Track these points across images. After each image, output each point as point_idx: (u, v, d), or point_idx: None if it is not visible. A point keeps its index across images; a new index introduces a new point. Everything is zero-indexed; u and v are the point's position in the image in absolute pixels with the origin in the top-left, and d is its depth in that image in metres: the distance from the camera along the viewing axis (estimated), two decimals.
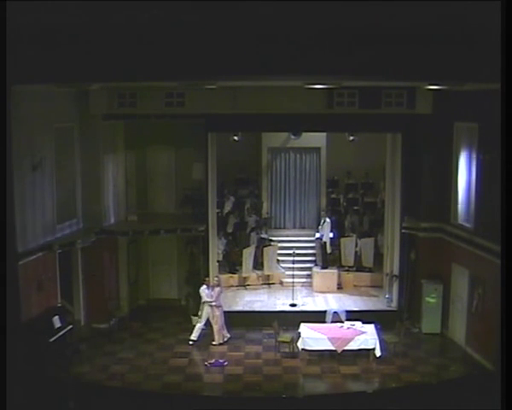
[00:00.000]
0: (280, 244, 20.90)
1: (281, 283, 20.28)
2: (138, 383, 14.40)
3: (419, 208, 17.51)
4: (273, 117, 16.94)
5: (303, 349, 15.47)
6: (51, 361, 14.18)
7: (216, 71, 11.72)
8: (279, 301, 18.87)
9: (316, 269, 20.16)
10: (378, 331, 15.72)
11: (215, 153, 18.25)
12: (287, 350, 15.92)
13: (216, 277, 17.63)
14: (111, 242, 17.97)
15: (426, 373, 14.94)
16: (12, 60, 10.88)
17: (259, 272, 20.42)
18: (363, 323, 16.10)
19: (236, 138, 19.15)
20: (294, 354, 15.71)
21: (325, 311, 17.30)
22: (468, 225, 15.98)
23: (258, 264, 20.58)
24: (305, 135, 20.84)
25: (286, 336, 16.14)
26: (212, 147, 18.04)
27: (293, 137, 21.22)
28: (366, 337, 15.48)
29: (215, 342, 16.56)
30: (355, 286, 20.03)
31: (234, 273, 20.15)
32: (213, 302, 16.59)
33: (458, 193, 16.51)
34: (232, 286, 19.79)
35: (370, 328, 15.80)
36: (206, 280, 16.96)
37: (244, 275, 20.09)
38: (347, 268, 20.33)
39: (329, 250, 20.18)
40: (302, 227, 22.61)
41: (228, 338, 16.75)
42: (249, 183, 22.33)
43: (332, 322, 16.72)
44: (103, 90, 16.23)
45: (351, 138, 19.60)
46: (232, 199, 21.38)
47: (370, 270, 20.32)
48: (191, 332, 16.69)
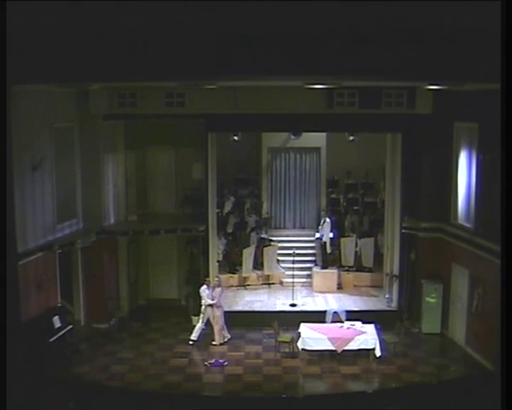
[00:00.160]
0: (280, 244, 20.89)
1: (281, 283, 20.28)
2: (138, 383, 14.40)
3: (419, 208, 17.51)
4: (273, 117, 16.95)
5: (303, 349, 15.47)
6: (51, 361, 14.19)
7: (216, 71, 11.71)
8: (279, 301, 18.86)
9: (316, 269, 20.16)
10: (378, 331, 15.72)
11: (215, 153, 18.25)
12: (287, 350, 15.91)
13: (216, 277, 17.64)
14: (111, 242, 17.97)
15: (426, 373, 14.93)
16: (12, 60, 10.88)
17: (259, 272, 20.41)
18: (363, 323, 16.10)
19: (236, 138, 19.12)
20: (294, 354, 15.71)
21: (325, 311, 17.30)
22: (468, 225, 15.98)
23: (258, 264, 20.57)
24: (305, 135, 20.81)
25: (286, 336, 16.14)
26: (212, 147, 18.05)
27: (293, 137, 21.20)
28: (366, 337, 15.48)
29: (215, 342, 16.57)
30: (355, 286, 20.02)
31: (234, 273, 20.15)
32: (214, 303, 16.61)
33: (458, 193, 16.50)
34: (232, 286, 19.78)
35: (370, 328, 15.80)
36: (206, 280, 16.97)
37: (244, 275, 20.08)
38: (347, 268, 20.33)
39: (329, 250, 20.17)
40: (302, 227, 22.59)
41: (228, 339, 16.77)
42: (249, 183, 22.30)
43: (332, 322, 16.73)
44: (103, 90, 16.24)
45: (351, 138, 19.57)
46: (232, 199, 21.36)
47: (370, 270, 20.31)
48: (191, 332, 16.69)
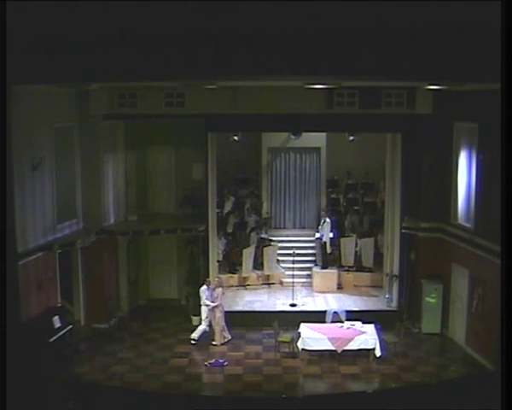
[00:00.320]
0: (280, 244, 20.88)
1: (281, 283, 20.27)
2: (138, 383, 14.40)
3: (419, 208, 17.51)
4: (273, 117, 16.95)
5: (303, 349, 15.47)
6: (51, 361, 14.18)
7: (216, 71, 11.71)
8: (279, 301, 18.86)
9: (316, 269, 20.16)
10: (378, 331, 15.72)
11: (215, 153, 18.25)
12: (287, 350, 15.91)
13: (217, 277, 17.63)
14: (111, 242, 17.97)
15: (426, 373, 14.94)
16: (12, 60, 10.88)
17: (259, 272, 20.41)
18: (363, 323, 16.09)
19: (236, 138, 19.12)
20: (294, 354, 15.71)
21: (325, 311, 17.30)
22: (468, 225, 15.98)
23: (258, 264, 20.57)
24: (305, 135, 20.82)
25: (286, 336, 16.14)
26: (212, 147, 18.05)
27: (293, 137, 21.21)
28: (366, 337, 15.48)
29: (215, 342, 16.56)
30: (355, 286, 20.01)
31: (234, 273, 20.15)
32: (213, 303, 16.59)
33: (458, 193, 16.50)
34: (232, 286, 19.77)
35: (370, 328, 15.80)
36: (206, 281, 16.96)
37: (244, 275, 20.07)
38: (347, 268, 20.32)
39: (329, 250, 20.17)
40: (302, 227, 22.57)
41: (228, 339, 16.75)
42: (249, 183, 22.29)
43: (332, 322, 16.73)
44: (103, 90, 16.24)
45: (351, 138, 19.57)
46: (232, 199, 21.35)
47: (370, 270, 20.31)
48: (192, 332, 16.68)
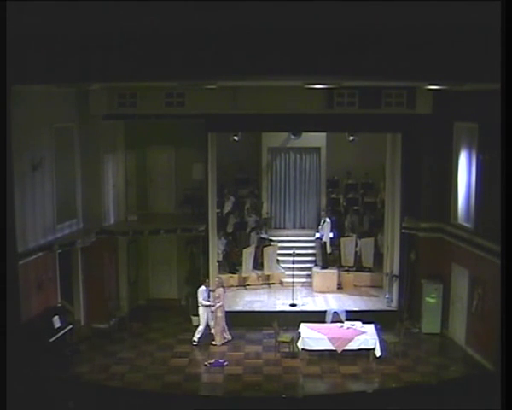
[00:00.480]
0: (280, 244, 20.88)
1: (281, 283, 20.27)
2: (138, 383, 14.40)
3: (419, 208, 17.51)
4: (273, 117, 16.94)
5: (303, 349, 15.47)
6: (51, 361, 14.17)
7: (216, 71, 11.70)
8: (279, 301, 18.86)
9: (316, 269, 20.16)
10: (378, 331, 15.73)
11: (215, 153, 18.25)
12: (287, 350, 15.91)
13: (218, 277, 17.64)
14: (111, 242, 17.96)
15: (426, 373, 14.94)
16: (12, 60, 10.87)
17: (259, 272, 20.41)
18: (363, 323, 16.10)
19: (236, 138, 19.10)
20: (294, 354, 15.71)
21: (325, 311, 17.31)
22: (468, 225, 15.98)
23: (258, 264, 20.57)
24: (305, 135, 20.83)
25: (286, 336, 16.14)
26: (212, 147, 18.04)
27: (293, 137, 21.21)
28: (366, 337, 15.48)
29: (215, 342, 16.55)
30: (355, 286, 20.02)
31: (234, 273, 20.14)
32: (207, 303, 16.60)
33: (458, 193, 16.50)
34: (232, 286, 19.76)
35: (370, 328, 15.80)
36: (206, 282, 16.95)
37: (244, 275, 20.07)
38: (347, 268, 20.32)
39: (329, 250, 20.17)
40: (302, 227, 22.57)
41: (229, 340, 16.73)
42: (249, 183, 22.29)
43: (332, 322, 16.73)
44: (103, 90, 16.24)
45: (351, 138, 19.54)
46: (232, 199, 21.35)
47: (370, 270, 20.31)
48: (193, 333, 16.68)
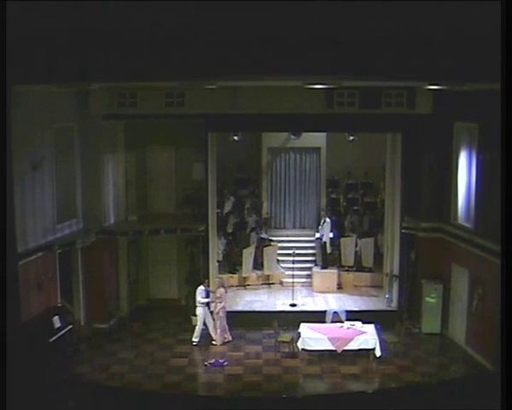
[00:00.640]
0: (280, 244, 20.87)
1: (281, 283, 20.27)
2: (138, 383, 14.40)
3: (419, 208, 17.51)
4: (273, 117, 16.94)
5: (303, 349, 15.47)
6: (51, 361, 14.17)
7: (216, 71, 11.70)
8: (279, 301, 18.86)
9: (316, 269, 20.16)
10: (378, 331, 15.72)
11: (215, 153, 18.24)
12: (287, 350, 15.91)
13: (219, 278, 17.64)
14: (111, 242, 17.95)
15: (426, 373, 14.94)
16: (12, 60, 10.87)
17: (259, 272, 20.41)
18: (363, 323, 16.10)
19: (236, 138, 19.11)
20: (294, 354, 15.71)
21: (325, 311, 17.30)
22: (468, 225, 15.98)
23: (258, 264, 20.56)
24: (305, 135, 20.85)
25: (286, 336, 16.14)
26: (212, 147, 18.04)
27: (293, 137, 21.22)
28: (366, 337, 15.48)
29: (215, 342, 16.55)
30: (355, 286, 20.01)
31: (234, 273, 20.14)
32: (210, 300, 16.60)
33: (458, 193, 16.50)
34: (232, 286, 19.75)
35: (370, 328, 15.80)
36: (205, 282, 16.94)
37: (244, 275, 20.07)
38: (347, 268, 20.32)
39: (329, 250, 20.16)
40: (302, 227, 22.57)
41: (229, 341, 16.72)
42: (249, 183, 22.30)
43: (332, 322, 16.73)
44: (103, 90, 16.23)
45: (351, 138, 19.55)
46: (232, 199, 21.35)
47: (370, 270, 20.31)
48: (192, 333, 16.68)
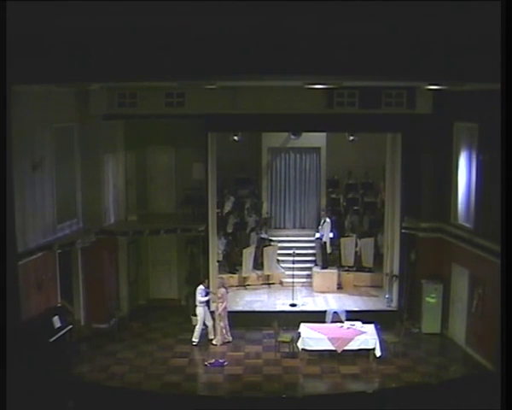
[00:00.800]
0: (280, 244, 20.87)
1: (281, 283, 20.27)
2: (138, 383, 14.41)
3: (419, 208, 17.51)
4: (273, 117, 16.93)
5: (303, 349, 15.47)
6: (51, 361, 14.17)
7: (216, 71, 11.70)
8: (279, 301, 18.86)
9: (316, 269, 20.16)
10: (378, 331, 15.73)
11: (215, 153, 18.23)
12: (287, 350, 15.91)
13: (220, 278, 17.63)
14: (111, 242, 17.95)
15: (426, 373, 14.94)
16: (12, 60, 10.87)
17: (259, 272, 20.41)
18: (363, 323, 16.10)
19: (236, 138, 19.12)
20: (294, 354, 15.71)
21: (325, 311, 17.30)
22: (468, 225, 15.98)
23: (258, 264, 20.57)
24: (305, 135, 20.84)
25: (286, 336, 16.14)
26: (212, 147, 18.03)
27: (293, 137, 21.22)
28: (366, 337, 15.48)
29: (215, 342, 16.55)
30: (355, 286, 20.02)
31: (234, 273, 20.15)
32: (210, 298, 16.60)
33: (458, 193, 16.51)
34: (232, 286, 19.74)
35: (370, 328, 15.81)
36: (205, 282, 16.93)
37: (244, 275, 20.07)
38: (347, 268, 20.32)
39: (329, 250, 20.16)
40: (302, 227, 22.56)
41: (229, 341, 16.71)
42: (249, 183, 22.28)
43: (332, 322, 16.73)
44: (103, 90, 16.23)
45: (351, 138, 19.56)
46: (232, 199, 21.36)
47: (370, 270, 20.31)
48: (192, 333, 16.68)
